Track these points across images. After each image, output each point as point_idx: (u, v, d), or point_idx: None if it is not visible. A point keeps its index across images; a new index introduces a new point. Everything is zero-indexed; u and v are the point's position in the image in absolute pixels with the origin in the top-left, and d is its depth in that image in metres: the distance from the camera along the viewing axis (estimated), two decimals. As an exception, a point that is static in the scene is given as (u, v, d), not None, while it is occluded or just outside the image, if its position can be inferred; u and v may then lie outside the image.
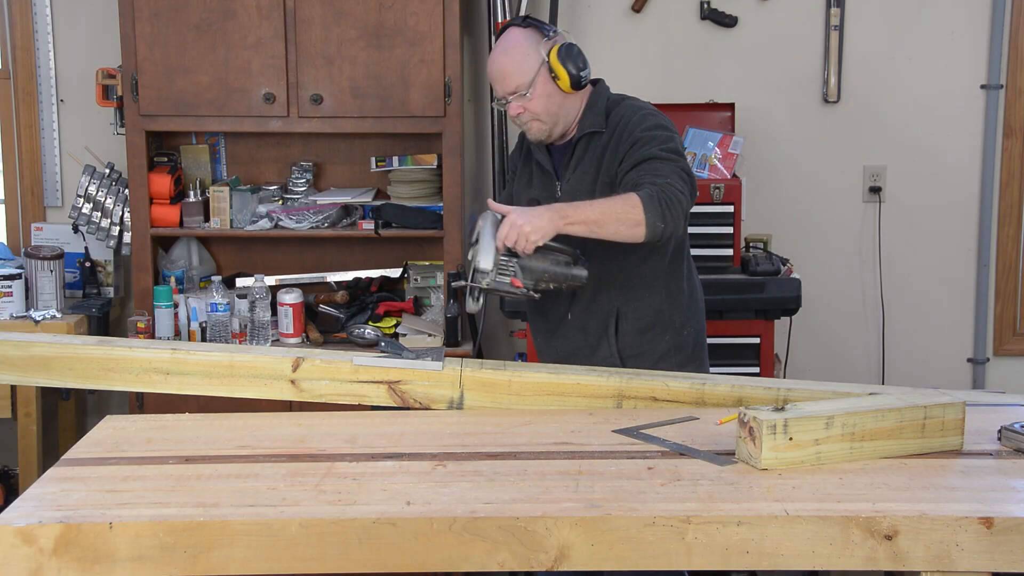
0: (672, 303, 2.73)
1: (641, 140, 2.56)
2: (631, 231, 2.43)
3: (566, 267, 2.51)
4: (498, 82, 2.63)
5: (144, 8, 3.70)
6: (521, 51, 2.59)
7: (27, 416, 3.71)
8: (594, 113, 2.66)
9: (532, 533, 1.77)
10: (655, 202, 2.43)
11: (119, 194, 3.96)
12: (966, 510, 1.79)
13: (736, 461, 2.01)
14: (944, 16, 4.07)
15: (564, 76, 2.58)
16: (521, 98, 2.60)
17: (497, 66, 2.62)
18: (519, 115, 2.63)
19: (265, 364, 2.45)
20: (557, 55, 2.57)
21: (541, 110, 2.61)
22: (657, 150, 2.53)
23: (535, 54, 2.59)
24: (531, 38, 2.60)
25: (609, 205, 2.43)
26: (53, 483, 1.93)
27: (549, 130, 2.66)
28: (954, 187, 4.17)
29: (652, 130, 2.58)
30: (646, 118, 2.62)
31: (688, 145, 3.91)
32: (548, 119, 2.63)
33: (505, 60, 2.61)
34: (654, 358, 2.72)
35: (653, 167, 2.50)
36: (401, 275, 4.06)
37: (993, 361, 4.24)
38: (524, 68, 2.58)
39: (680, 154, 2.57)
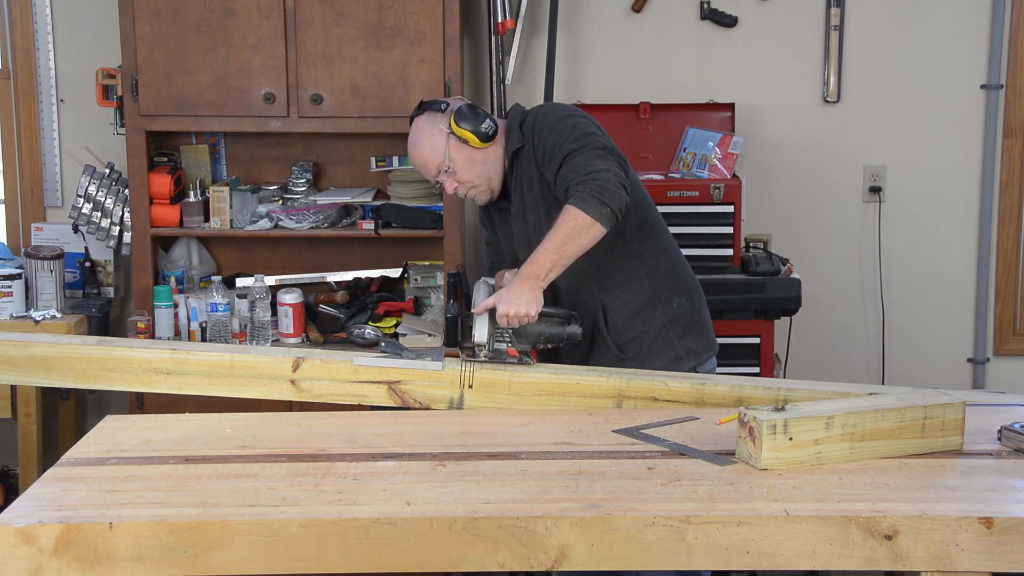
0: (653, 280, 2.74)
1: (551, 139, 2.62)
2: (591, 235, 2.49)
3: (560, 327, 2.58)
4: (423, 171, 2.76)
5: (144, 8, 3.70)
6: (426, 135, 2.70)
7: (27, 416, 3.71)
8: (513, 133, 2.72)
9: (532, 533, 1.77)
10: (588, 198, 2.48)
11: (119, 194, 3.96)
12: (966, 510, 1.79)
13: (736, 461, 2.02)
14: (944, 16, 4.07)
15: (471, 136, 2.67)
16: (448, 175, 2.71)
17: (415, 160, 2.76)
18: (455, 190, 2.73)
19: (265, 364, 2.45)
20: (456, 122, 2.66)
21: (470, 176, 2.71)
22: (568, 144, 2.58)
23: (438, 132, 2.69)
24: (430, 120, 2.71)
25: (558, 234, 2.49)
26: (53, 483, 1.93)
27: (488, 188, 2.75)
28: (954, 187, 4.17)
29: (557, 124, 2.63)
30: (548, 115, 2.68)
31: (688, 145, 3.92)
32: (481, 180, 2.73)
33: (417, 151, 2.73)
34: (651, 337, 2.73)
35: (571, 164, 2.55)
36: (401, 275, 4.06)
37: (993, 361, 4.24)
38: (435, 149, 2.69)
39: (589, 134, 2.60)
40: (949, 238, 4.19)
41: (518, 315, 2.46)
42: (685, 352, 2.74)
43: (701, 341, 2.78)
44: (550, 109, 2.73)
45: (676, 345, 2.74)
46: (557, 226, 2.50)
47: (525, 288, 2.48)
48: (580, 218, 2.47)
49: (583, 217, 2.47)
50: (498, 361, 2.49)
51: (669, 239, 2.83)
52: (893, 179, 4.16)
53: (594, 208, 2.47)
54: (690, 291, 2.81)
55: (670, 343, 2.73)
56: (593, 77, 4.11)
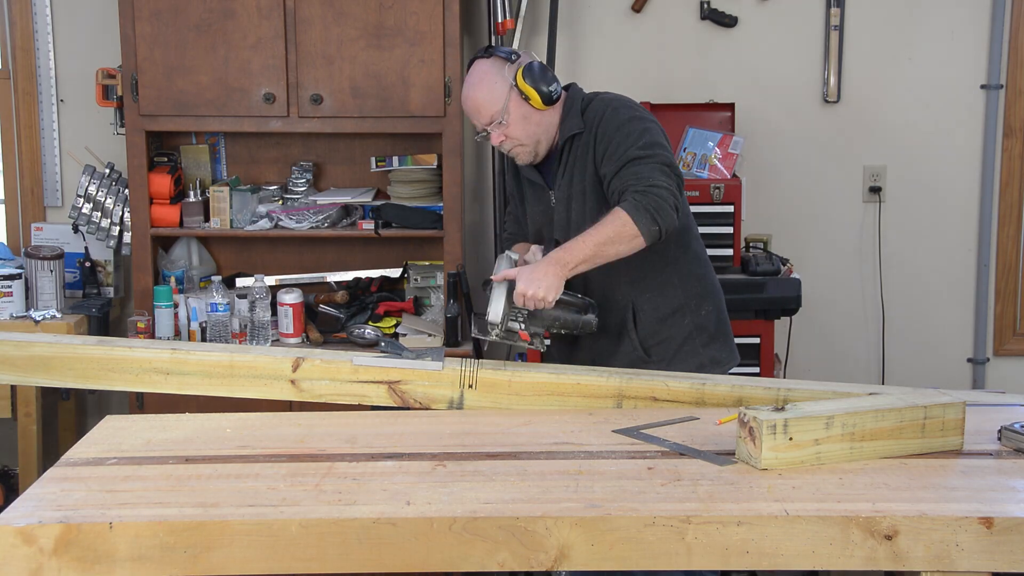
0: (686, 287, 2.73)
1: (616, 138, 2.59)
2: (631, 245, 2.48)
3: (577, 314, 2.56)
4: (474, 116, 2.69)
5: (144, 8, 3.70)
6: (488, 81, 2.64)
7: (27, 416, 3.71)
8: (572, 116, 2.68)
9: (532, 533, 1.77)
10: (642, 210, 2.46)
11: (119, 194, 3.96)
12: (966, 510, 1.79)
13: (736, 461, 2.02)
14: (944, 16, 4.07)
15: (534, 95, 2.61)
16: (499, 126, 2.65)
17: (469, 102, 2.68)
18: (501, 143, 2.68)
19: (265, 364, 2.45)
20: (523, 76, 2.60)
21: (520, 134, 2.66)
22: (635, 149, 2.55)
23: (502, 81, 2.63)
24: (495, 66, 2.64)
25: (601, 233, 2.47)
26: (53, 483, 1.93)
27: (533, 151, 2.70)
28: (954, 187, 4.17)
29: (626, 125, 2.60)
30: (619, 111, 2.64)
31: (688, 145, 3.91)
32: (529, 140, 2.67)
33: (475, 93, 2.66)
34: (677, 343, 2.72)
35: (634, 171, 2.53)
36: (401, 275, 4.06)
37: (993, 361, 4.24)
38: (494, 97, 2.63)
39: (657, 144, 2.58)
40: (949, 238, 4.19)
41: (535, 297, 2.43)
42: (709, 361, 2.73)
43: (725, 350, 2.78)
44: (620, 105, 2.67)
45: (701, 353, 2.73)
46: (603, 225, 2.47)
47: (549, 272, 2.45)
48: (628, 226, 2.46)
49: (631, 226, 2.46)
50: (509, 340, 2.47)
51: (702, 246, 2.82)
52: (893, 179, 4.16)
53: (644, 222, 2.46)
54: (717, 299, 2.81)
55: (695, 351, 2.73)
56: (593, 77, 4.11)
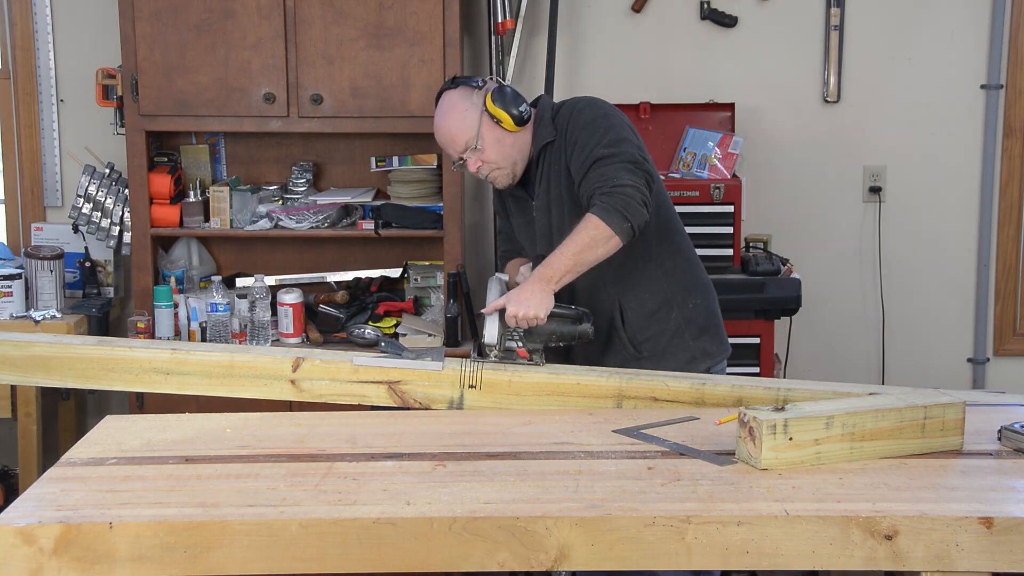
0: (671, 281, 2.74)
1: (582, 138, 2.61)
2: (608, 247, 2.52)
3: (572, 326, 2.57)
4: (448, 146, 2.72)
5: (144, 8, 3.70)
6: (459, 110, 2.67)
7: (27, 416, 3.71)
8: (543, 125, 2.70)
9: (532, 533, 1.77)
10: (611, 210, 2.49)
11: (119, 194, 3.96)
12: (966, 510, 1.79)
13: (736, 461, 2.02)
14: (944, 16, 4.07)
15: (505, 117, 2.64)
16: (474, 152, 2.67)
17: (442, 132, 2.71)
18: (479, 170, 2.70)
19: (265, 364, 2.45)
20: (493, 100, 2.64)
21: (496, 157, 2.68)
22: (600, 148, 2.57)
23: (472, 107, 2.67)
24: (463, 94, 2.68)
25: (577, 241, 2.50)
26: (53, 483, 1.93)
27: (511, 172, 2.72)
28: (954, 187, 4.17)
29: (591, 124, 2.62)
30: (583, 112, 2.66)
31: (688, 145, 3.92)
32: (506, 163, 2.70)
33: (446, 123, 2.69)
34: (667, 337, 2.73)
35: (599, 172, 2.55)
36: (401, 275, 4.06)
37: (993, 361, 4.24)
38: (466, 124, 2.66)
39: (622, 140, 2.59)
40: (949, 238, 4.19)
41: (527, 317, 2.47)
42: (700, 353, 2.74)
43: (715, 342, 2.79)
44: (586, 105, 2.69)
45: (691, 346, 2.74)
46: (577, 233, 2.51)
47: (536, 290, 2.49)
48: (601, 229, 2.48)
49: (604, 229, 2.48)
50: (508, 361, 2.50)
51: (686, 240, 2.83)
52: (893, 179, 4.16)
53: (616, 222, 2.48)
54: (706, 292, 2.82)
55: (685, 344, 2.73)
56: (593, 77, 4.11)
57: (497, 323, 2.51)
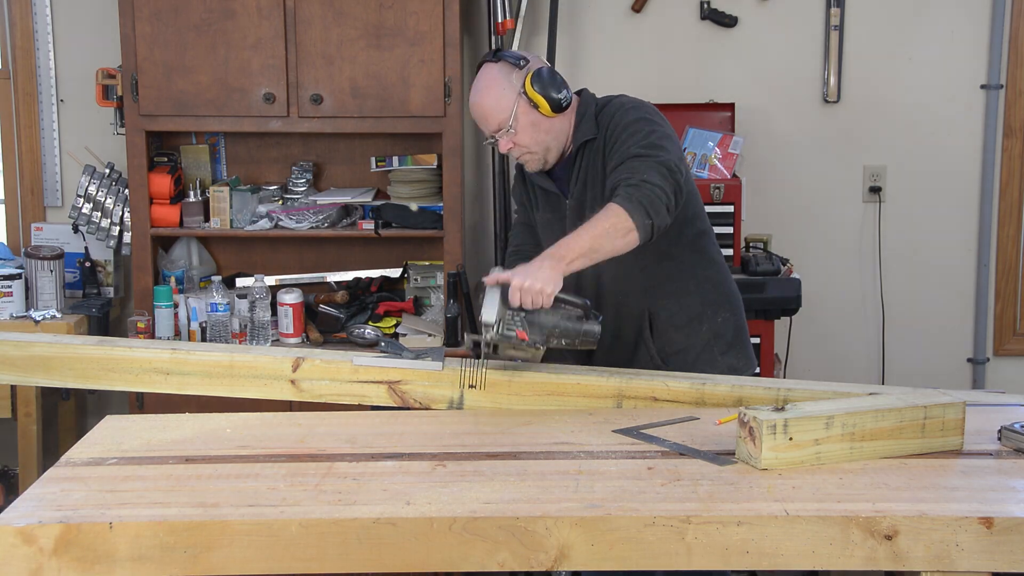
0: (702, 293, 2.69)
1: (622, 138, 2.53)
2: (626, 240, 2.37)
3: (578, 322, 2.38)
4: (481, 123, 2.62)
5: (144, 8, 3.70)
6: (496, 88, 2.56)
7: (27, 416, 3.71)
8: (585, 121, 2.62)
9: (532, 533, 1.77)
10: (634, 203, 2.37)
11: (119, 194, 3.96)
12: (966, 510, 1.79)
13: (736, 461, 2.02)
14: (944, 16, 4.08)
15: (543, 102, 2.54)
16: (507, 134, 2.58)
17: (477, 108, 2.60)
18: (510, 151, 2.61)
19: (265, 364, 2.45)
20: (532, 83, 2.54)
21: (529, 141, 2.59)
22: (636, 148, 2.49)
23: (510, 87, 2.55)
24: (503, 72, 2.57)
25: (596, 227, 2.36)
26: (53, 483, 1.93)
27: (543, 158, 2.63)
28: (954, 187, 4.17)
29: (632, 125, 2.54)
30: (628, 112, 2.58)
31: (688, 145, 3.91)
32: (539, 148, 2.60)
33: (482, 100, 2.58)
34: (696, 351, 2.68)
35: (630, 167, 2.45)
36: (401, 275, 4.06)
37: (993, 361, 4.24)
38: (502, 104, 2.55)
39: (660, 146, 2.49)
40: (949, 238, 4.19)
41: (532, 289, 2.27)
42: (727, 369, 2.68)
43: (742, 358, 2.74)
44: (631, 106, 2.60)
45: (719, 361, 2.68)
46: (597, 219, 2.37)
47: (546, 266, 2.31)
48: (622, 219, 2.35)
49: (626, 220, 2.35)
50: (506, 344, 2.34)
51: (718, 251, 2.76)
52: (893, 179, 4.16)
53: (639, 216, 2.36)
54: (735, 306, 2.76)
55: (713, 359, 2.69)
56: (593, 77, 4.11)
57: (498, 302, 2.32)
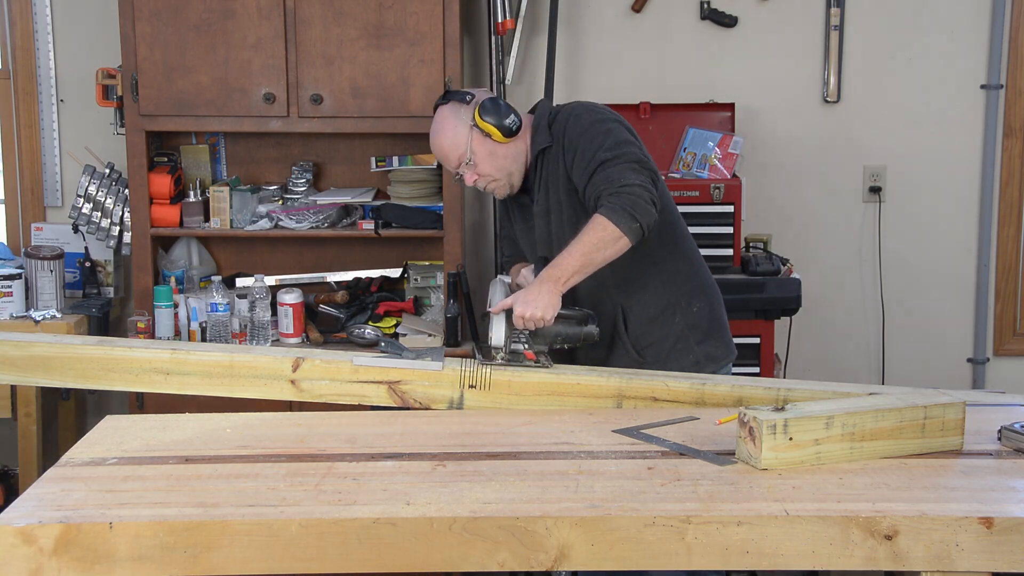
0: (674, 285, 2.74)
1: (582, 144, 2.61)
2: (617, 247, 2.51)
3: (577, 327, 2.58)
4: (444, 162, 2.76)
5: (144, 8, 3.70)
6: (449, 126, 2.68)
7: (27, 416, 3.71)
8: (540, 132, 2.71)
9: (532, 533, 1.77)
10: (619, 210, 2.49)
11: (119, 194, 3.96)
12: (966, 510, 1.79)
13: (736, 461, 2.02)
14: (944, 16, 4.07)
15: (494, 131, 2.65)
16: (468, 167, 2.69)
17: (437, 149, 2.74)
18: (476, 182, 2.72)
19: (265, 364, 2.45)
20: (480, 115, 2.64)
21: (491, 170, 2.70)
22: (602, 152, 2.58)
23: (461, 123, 2.67)
24: (454, 110, 2.69)
25: (585, 242, 2.50)
26: (53, 483, 1.93)
27: (507, 183, 2.74)
28: (954, 187, 4.17)
29: (589, 129, 2.63)
30: (580, 117, 2.66)
31: (688, 145, 3.92)
32: (501, 174, 2.71)
33: (439, 140, 2.71)
34: (670, 342, 2.72)
35: (604, 175, 2.55)
36: (401, 275, 4.06)
37: (993, 361, 4.24)
38: (457, 140, 2.68)
39: (624, 142, 2.60)
40: (949, 238, 4.19)
41: (534, 317, 2.47)
42: (704, 357, 2.73)
43: (720, 346, 2.78)
44: (583, 111, 2.70)
45: (695, 350, 2.73)
46: (585, 234, 2.50)
47: (543, 291, 2.48)
48: (609, 229, 2.48)
49: (612, 229, 2.48)
50: (515, 364, 2.49)
51: (690, 243, 2.83)
52: (893, 179, 4.16)
53: (624, 222, 2.48)
54: (710, 295, 2.81)
55: (689, 348, 2.73)
56: (593, 77, 4.11)
57: (504, 325, 2.51)
